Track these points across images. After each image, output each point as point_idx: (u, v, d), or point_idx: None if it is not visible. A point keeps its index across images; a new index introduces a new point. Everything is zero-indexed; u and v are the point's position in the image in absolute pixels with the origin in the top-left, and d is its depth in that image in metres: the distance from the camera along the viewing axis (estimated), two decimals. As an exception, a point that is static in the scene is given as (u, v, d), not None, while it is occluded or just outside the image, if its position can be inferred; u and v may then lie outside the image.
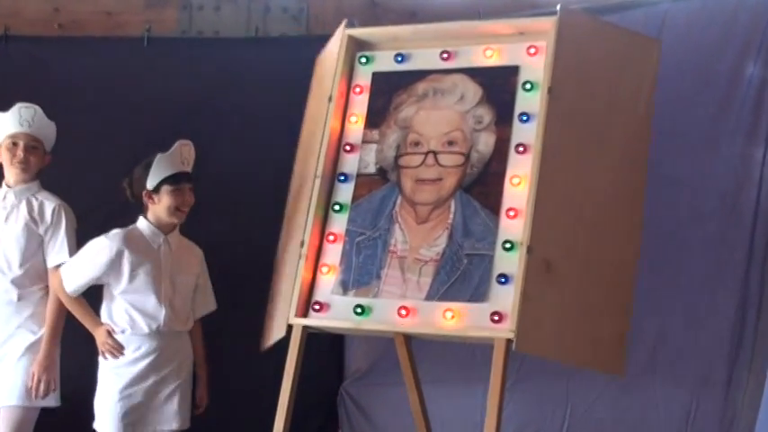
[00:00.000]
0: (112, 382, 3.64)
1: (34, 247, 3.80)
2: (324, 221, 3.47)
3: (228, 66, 4.39)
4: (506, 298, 3.05)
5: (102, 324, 3.67)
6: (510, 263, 3.09)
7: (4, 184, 3.88)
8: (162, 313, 3.64)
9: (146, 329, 3.63)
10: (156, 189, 3.63)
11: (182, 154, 3.68)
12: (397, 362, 3.63)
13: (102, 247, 3.65)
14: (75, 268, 3.66)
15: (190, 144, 3.71)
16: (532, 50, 3.35)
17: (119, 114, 4.29)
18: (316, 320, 3.35)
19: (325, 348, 3.38)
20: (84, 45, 4.55)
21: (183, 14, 5.19)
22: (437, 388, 3.71)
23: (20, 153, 3.82)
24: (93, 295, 3.70)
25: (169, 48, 4.57)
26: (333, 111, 3.55)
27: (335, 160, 3.54)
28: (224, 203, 3.96)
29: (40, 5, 4.77)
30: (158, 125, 4.11)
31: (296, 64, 4.16)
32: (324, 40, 3.96)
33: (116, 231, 3.68)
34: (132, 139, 3.86)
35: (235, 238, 3.97)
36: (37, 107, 3.88)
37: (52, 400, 3.79)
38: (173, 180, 3.63)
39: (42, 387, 3.71)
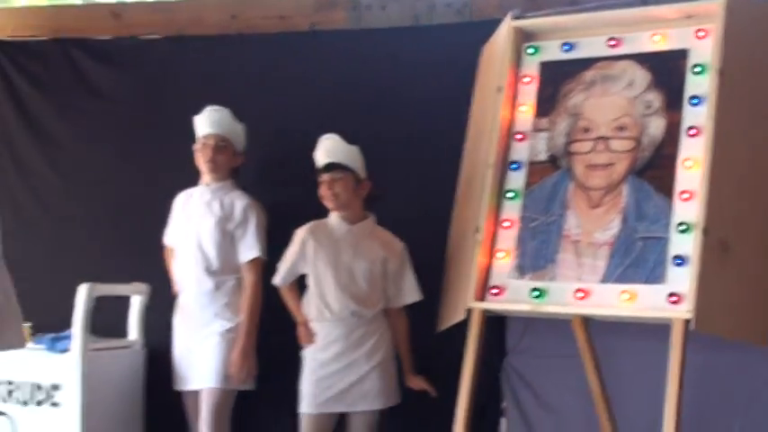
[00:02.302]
0: (308, 367, 3.85)
1: (227, 242, 4.03)
2: (497, 208, 3.53)
3: (395, 55, 4.43)
4: (683, 279, 3.06)
5: (300, 313, 3.87)
6: (685, 244, 3.10)
7: (202, 183, 4.13)
8: (340, 300, 3.79)
9: (329, 316, 3.80)
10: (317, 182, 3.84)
11: (325, 147, 3.86)
12: (558, 333, 3.67)
13: (295, 238, 3.89)
14: (283, 259, 3.88)
15: (332, 137, 3.86)
16: (701, 33, 3.32)
17: (298, 108, 4.43)
18: (494, 304, 3.43)
19: (488, 324, 3.45)
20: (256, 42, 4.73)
21: (352, 14, 5.34)
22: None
23: (208, 152, 4.06)
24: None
25: (338, 40, 4.69)
26: (502, 101, 3.61)
27: (506, 149, 3.60)
28: (393, 191, 4.04)
29: (220, 13, 4.99)
30: (331, 117, 4.21)
31: (460, 50, 4.23)
32: (486, 25, 4.04)
33: (310, 223, 3.87)
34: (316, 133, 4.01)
35: (406, 225, 4.04)
36: (225, 109, 4.11)
37: (248, 384, 4.02)
38: (319, 172, 3.83)
39: (243, 372, 3.94)
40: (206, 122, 4.10)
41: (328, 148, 3.85)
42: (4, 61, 4.82)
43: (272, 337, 4.02)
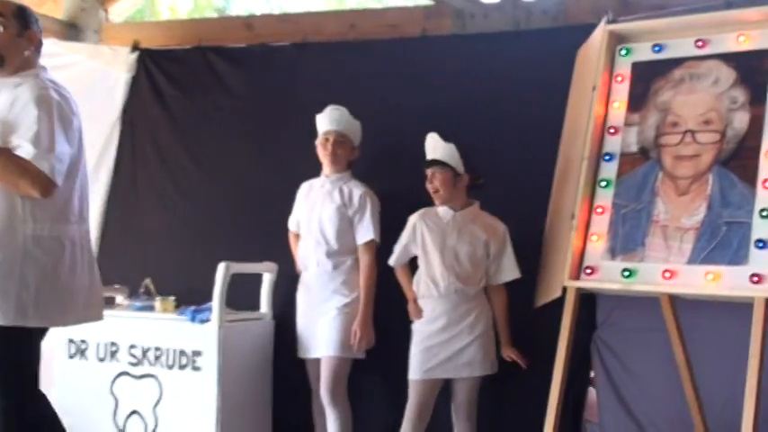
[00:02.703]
0: (416, 339, 3.94)
1: (345, 227, 4.13)
2: (591, 196, 3.56)
3: (496, 59, 4.45)
4: (765, 261, 3.07)
5: (411, 291, 3.95)
6: (767, 229, 3.10)
7: (322, 174, 4.23)
8: (446, 279, 3.85)
9: (435, 293, 3.87)
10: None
11: (427, 144, 3.93)
12: (643, 310, 3.70)
13: (407, 224, 3.97)
14: (397, 243, 4.00)
15: (433, 136, 3.92)
16: (785, 34, 3.30)
17: (409, 107, 4.46)
18: (587, 283, 3.47)
19: (580, 301, 3.47)
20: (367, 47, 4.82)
21: (457, 22, 5.40)
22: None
23: (329, 147, 4.17)
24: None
25: (444, 46, 4.72)
26: (597, 98, 3.63)
27: (600, 142, 3.62)
28: (496, 182, 4.06)
29: (339, 23, 5.10)
30: (439, 115, 4.26)
31: (555, 53, 4.25)
32: (579, 30, 4.08)
33: (420, 210, 3.97)
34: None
35: (507, 211, 4.05)
36: (343, 108, 4.21)
37: (361, 354, 4.11)
38: (424, 167, 3.89)
39: (362, 342, 4.05)
40: (327, 120, 4.21)
41: (430, 146, 3.93)
42: (151, 67, 5.01)
43: (381, 311, 4.11)
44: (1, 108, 3.09)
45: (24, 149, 2.95)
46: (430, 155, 3.91)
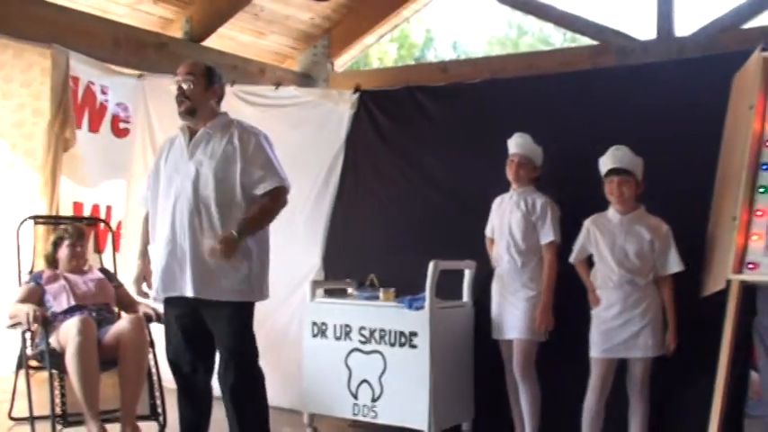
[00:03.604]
0: (595, 323, 3.94)
1: (530, 230, 4.17)
2: (751, 201, 3.46)
3: (655, 86, 4.35)
4: None
5: (590, 282, 3.96)
6: None
7: (511, 188, 4.28)
8: (618, 273, 3.81)
9: (611, 285, 3.83)
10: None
11: (614, 156, 3.87)
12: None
13: (583, 227, 3.98)
14: (575, 243, 4.01)
15: (622, 148, 3.86)
16: None
17: (581, 130, 4.43)
18: (749, 276, 3.38)
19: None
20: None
21: (620, 57, 5.34)
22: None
23: (514, 167, 4.23)
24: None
25: (609, 77, 4.67)
26: (754, 116, 3.53)
27: (758, 154, 3.52)
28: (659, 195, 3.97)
29: (519, 63, 5.14)
30: (605, 136, 4.13)
31: (709, 79, 4.12)
32: (734, 56, 3.95)
33: (593, 215, 3.95)
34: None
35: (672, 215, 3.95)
36: (527, 135, 4.24)
37: (543, 337, 4.13)
38: (608, 174, 3.85)
39: (542, 327, 4.08)
40: (513, 144, 4.27)
41: (618, 157, 3.87)
42: (369, 104, 5.21)
43: (565, 301, 4.11)
44: (215, 151, 3.36)
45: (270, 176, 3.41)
46: (616, 164, 3.86)
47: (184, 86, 3.46)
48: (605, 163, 3.92)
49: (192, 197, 3.40)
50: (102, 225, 5.38)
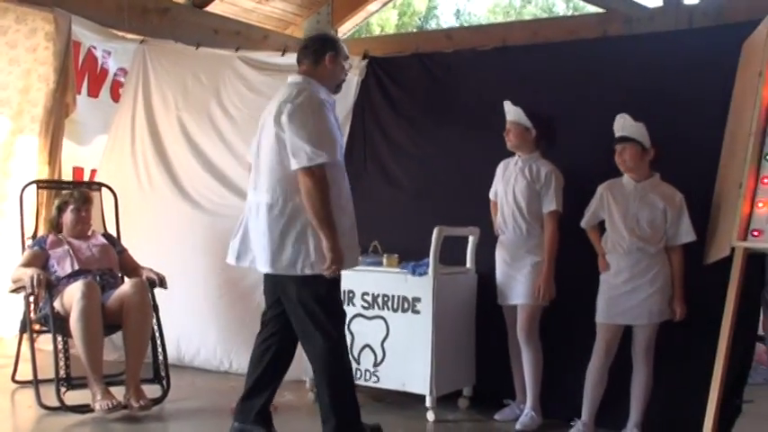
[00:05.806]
0: (603, 288, 3.93)
1: (535, 198, 4.13)
2: (758, 168, 3.42)
3: (665, 55, 4.27)
4: None
5: (600, 247, 3.94)
6: None
7: (517, 155, 4.24)
8: (628, 239, 3.80)
9: (620, 250, 3.82)
10: None
11: (618, 124, 3.85)
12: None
13: (596, 193, 3.95)
14: (587, 208, 3.99)
15: (623, 116, 3.83)
16: None
17: (589, 98, 4.38)
18: (754, 243, 3.35)
19: (749, 262, 3.31)
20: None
21: (626, 26, 5.28)
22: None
23: (508, 135, 4.16)
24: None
25: (615, 46, 4.62)
26: (763, 82, 3.47)
27: (766, 120, 3.46)
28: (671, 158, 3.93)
29: (524, 32, 5.08)
30: (613, 103, 4.10)
31: (716, 49, 4.06)
32: (742, 26, 3.90)
33: (608, 181, 3.93)
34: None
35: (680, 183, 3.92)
36: (508, 102, 4.17)
37: (545, 303, 4.12)
38: (615, 143, 3.85)
39: (545, 295, 4.07)
40: (508, 112, 4.19)
41: (619, 124, 3.86)
42: (379, 71, 5.15)
43: (573, 267, 4.08)
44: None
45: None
46: (620, 132, 3.84)
47: None
48: (615, 131, 3.89)
49: None
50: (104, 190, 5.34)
